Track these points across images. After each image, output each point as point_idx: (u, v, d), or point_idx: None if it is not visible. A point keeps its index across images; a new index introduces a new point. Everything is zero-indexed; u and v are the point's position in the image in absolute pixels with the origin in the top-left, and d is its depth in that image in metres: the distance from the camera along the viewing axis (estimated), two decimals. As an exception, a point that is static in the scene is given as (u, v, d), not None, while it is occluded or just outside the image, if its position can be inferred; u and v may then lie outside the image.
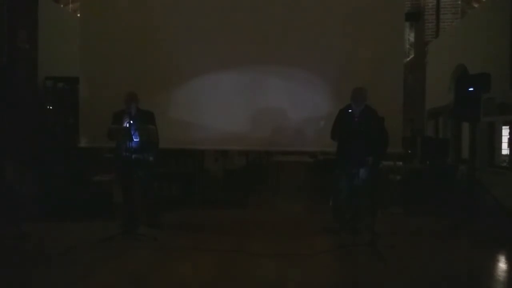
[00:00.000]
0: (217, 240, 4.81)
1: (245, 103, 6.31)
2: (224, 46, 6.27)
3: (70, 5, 9.16)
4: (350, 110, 4.94)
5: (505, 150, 6.78)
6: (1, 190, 5.60)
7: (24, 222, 5.08)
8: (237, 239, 4.86)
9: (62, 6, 8.81)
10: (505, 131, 6.78)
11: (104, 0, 6.55)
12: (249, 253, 4.32)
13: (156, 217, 5.34)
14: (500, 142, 6.88)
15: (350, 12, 6.19)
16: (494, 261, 4.39)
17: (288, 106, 6.26)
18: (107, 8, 6.47)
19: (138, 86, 5.55)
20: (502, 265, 4.34)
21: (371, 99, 5.21)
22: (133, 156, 4.92)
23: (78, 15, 7.53)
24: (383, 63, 6.10)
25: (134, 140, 4.91)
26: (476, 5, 8.93)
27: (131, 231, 4.82)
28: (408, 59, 10.63)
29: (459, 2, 9.25)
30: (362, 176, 4.71)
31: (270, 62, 6.23)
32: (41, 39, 6.97)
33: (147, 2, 6.44)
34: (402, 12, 6.44)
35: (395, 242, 4.70)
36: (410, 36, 10.86)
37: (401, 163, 7.36)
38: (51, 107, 7.30)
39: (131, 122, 4.91)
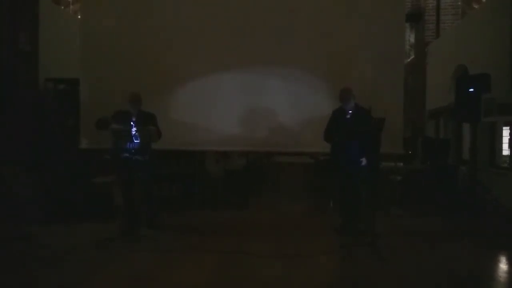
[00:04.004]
0: (217, 241, 4.81)
1: (246, 104, 6.31)
2: (225, 47, 6.27)
3: (71, 7, 9.18)
4: (342, 111, 4.96)
5: (505, 151, 6.76)
6: (1, 192, 5.60)
7: (24, 224, 5.09)
8: (237, 240, 4.86)
9: (62, 8, 8.83)
10: (505, 131, 6.77)
11: (105, 2, 6.55)
12: (250, 253, 4.31)
13: (157, 218, 5.33)
14: (501, 143, 6.87)
15: (350, 13, 6.20)
16: (495, 262, 4.38)
17: (289, 107, 6.26)
18: (108, 10, 6.48)
19: (138, 87, 5.53)
20: (502, 265, 4.33)
21: (372, 100, 5.20)
22: (134, 157, 4.92)
23: (79, 16, 7.54)
24: (384, 64, 6.10)
25: (135, 141, 4.91)
26: (476, 6, 8.92)
27: (132, 232, 4.82)
28: (408, 60, 10.63)
29: (459, 3, 9.25)
30: (358, 176, 4.70)
31: (271, 63, 6.23)
32: (42, 41, 6.98)
33: (148, 3, 6.45)
34: (403, 13, 6.45)
35: (395, 242, 4.70)
36: (411, 37, 10.85)
37: (401, 163, 7.35)
38: (51, 109, 7.29)
39: (132, 123, 4.92)
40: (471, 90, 5.81)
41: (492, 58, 6.45)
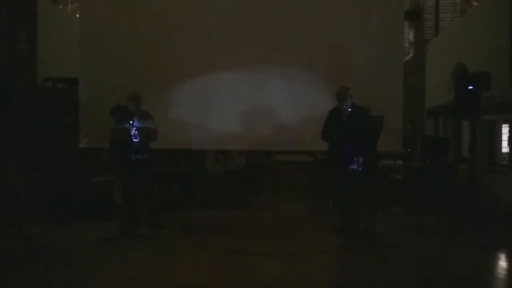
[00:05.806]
0: (217, 240, 4.82)
1: (245, 103, 6.31)
2: (224, 46, 6.26)
3: (69, 6, 9.15)
4: (338, 110, 4.96)
5: (505, 149, 6.78)
6: (1, 191, 5.60)
7: (24, 224, 5.08)
8: (237, 239, 4.86)
9: (61, 7, 8.80)
10: (505, 129, 6.78)
11: (103, 1, 6.54)
12: (250, 253, 4.32)
13: (157, 217, 5.33)
14: (500, 141, 6.89)
15: (349, 11, 6.19)
16: (495, 260, 4.39)
17: (288, 106, 6.26)
18: (106, 9, 6.46)
19: (138, 86, 5.51)
20: (502, 263, 4.34)
21: (371, 98, 5.20)
22: (133, 156, 4.91)
23: (77, 15, 7.52)
24: (383, 62, 6.10)
25: (134, 140, 4.90)
26: (475, 4, 8.92)
27: (132, 232, 4.82)
28: (407, 58, 10.63)
29: (459, 1, 9.25)
30: (357, 176, 4.70)
31: (270, 62, 6.23)
32: (41, 40, 6.96)
33: (147, 3, 6.43)
34: (402, 11, 6.44)
35: (395, 241, 4.70)
36: (410, 35, 10.85)
37: (401, 162, 7.36)
38: (50, 108, 7.28)
39: (132, 122, 4.91)
40: (471, 88, 5.81)
41: (491, 56, 6.45)
